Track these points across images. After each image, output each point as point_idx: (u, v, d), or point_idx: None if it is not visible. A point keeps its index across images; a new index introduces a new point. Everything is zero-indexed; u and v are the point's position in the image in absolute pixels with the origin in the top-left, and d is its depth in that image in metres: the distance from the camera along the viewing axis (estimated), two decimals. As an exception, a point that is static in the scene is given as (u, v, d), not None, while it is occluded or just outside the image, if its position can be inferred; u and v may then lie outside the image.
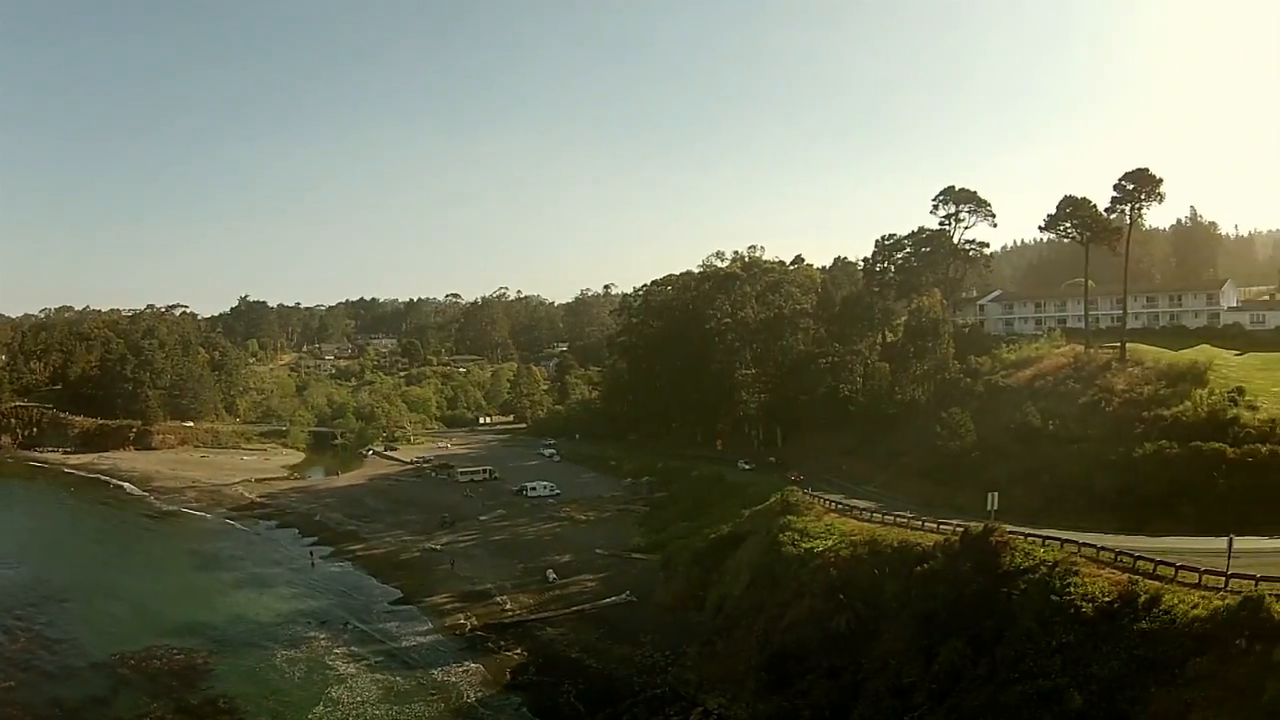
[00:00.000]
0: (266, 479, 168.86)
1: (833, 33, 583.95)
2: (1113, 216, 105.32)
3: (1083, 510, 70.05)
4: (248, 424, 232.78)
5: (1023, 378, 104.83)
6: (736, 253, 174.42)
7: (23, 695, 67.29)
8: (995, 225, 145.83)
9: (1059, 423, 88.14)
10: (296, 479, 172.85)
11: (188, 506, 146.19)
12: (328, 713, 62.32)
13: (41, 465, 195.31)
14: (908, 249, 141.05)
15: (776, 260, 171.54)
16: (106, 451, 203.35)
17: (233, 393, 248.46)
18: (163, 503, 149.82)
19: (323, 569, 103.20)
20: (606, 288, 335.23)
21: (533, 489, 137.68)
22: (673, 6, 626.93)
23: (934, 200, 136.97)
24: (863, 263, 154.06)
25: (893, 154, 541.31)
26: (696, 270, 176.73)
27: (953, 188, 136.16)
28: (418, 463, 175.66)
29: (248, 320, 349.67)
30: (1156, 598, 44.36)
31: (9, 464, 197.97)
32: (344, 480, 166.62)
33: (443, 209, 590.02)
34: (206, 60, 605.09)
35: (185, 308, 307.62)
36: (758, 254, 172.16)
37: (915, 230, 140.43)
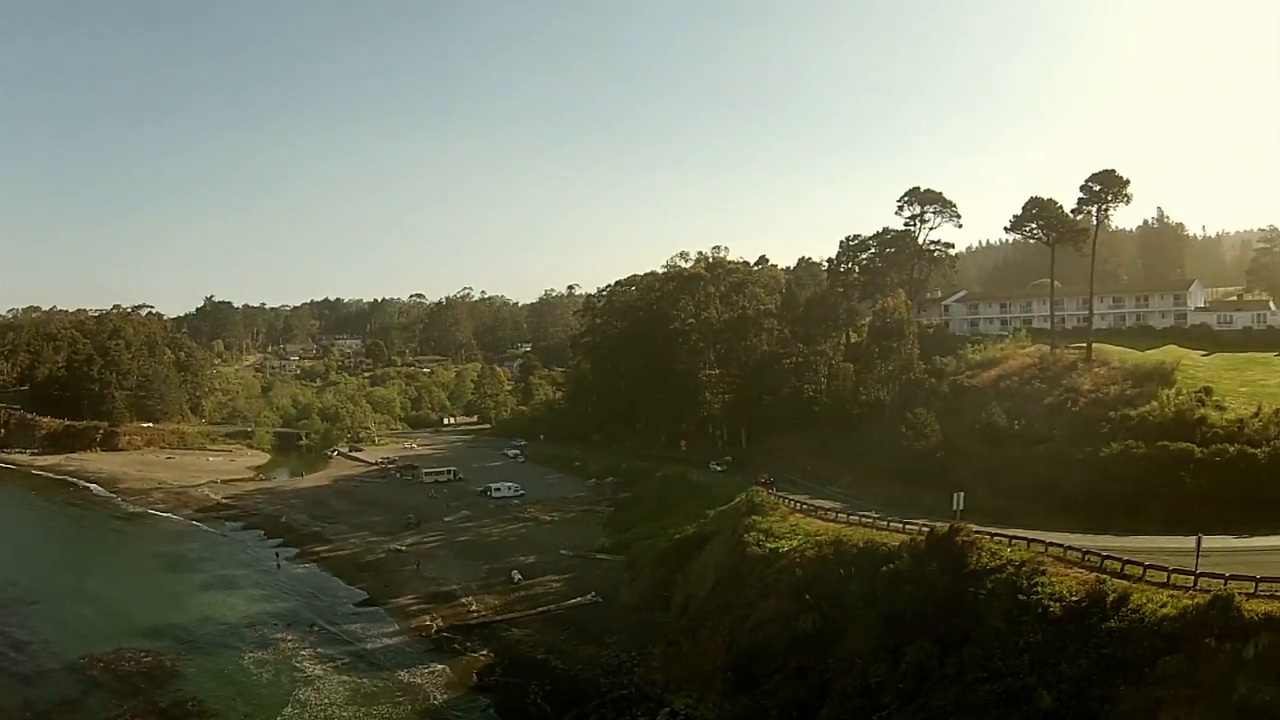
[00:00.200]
0: (232, 480, 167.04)
1: (798, 32, 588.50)
2: (1079, 217, 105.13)
3: (1049, 510, 69.56)
4: (213, 425, 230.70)
5: (988, 378, 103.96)
6: (701, 253, 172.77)
7: (-6, 696, 66.37)
8: (960, 226, 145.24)
9: (1025, 423, 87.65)
10: (262, 480, 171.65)
11: (154, 508, 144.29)
12: (296, 714, 62.27)
13: (9, 466, 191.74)
14: (872, 249, 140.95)
15: (741, 261, 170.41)
16: (74, 453, 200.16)
17: (198, 393, 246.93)
18: (130, 504, 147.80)
19: (289, 570, 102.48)
20: (570, 288, 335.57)
21: (497, 490, 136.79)
22: (636, 7, 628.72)
23: (899, 201, 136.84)
24: (827, 263, 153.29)
25: (858, 155, 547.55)
26: (660, 271, 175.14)
27: (918, 188, 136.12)
28: (382, 463, 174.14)
29: (213, 320, 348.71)
30: (1125, 597, 44.37)
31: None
32: (309, 481, 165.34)
33: (408, 209, 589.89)
34: (172, 61, 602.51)
35: (151, 308, 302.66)
36: (722, 254, 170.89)
37: (880, 231, 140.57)
